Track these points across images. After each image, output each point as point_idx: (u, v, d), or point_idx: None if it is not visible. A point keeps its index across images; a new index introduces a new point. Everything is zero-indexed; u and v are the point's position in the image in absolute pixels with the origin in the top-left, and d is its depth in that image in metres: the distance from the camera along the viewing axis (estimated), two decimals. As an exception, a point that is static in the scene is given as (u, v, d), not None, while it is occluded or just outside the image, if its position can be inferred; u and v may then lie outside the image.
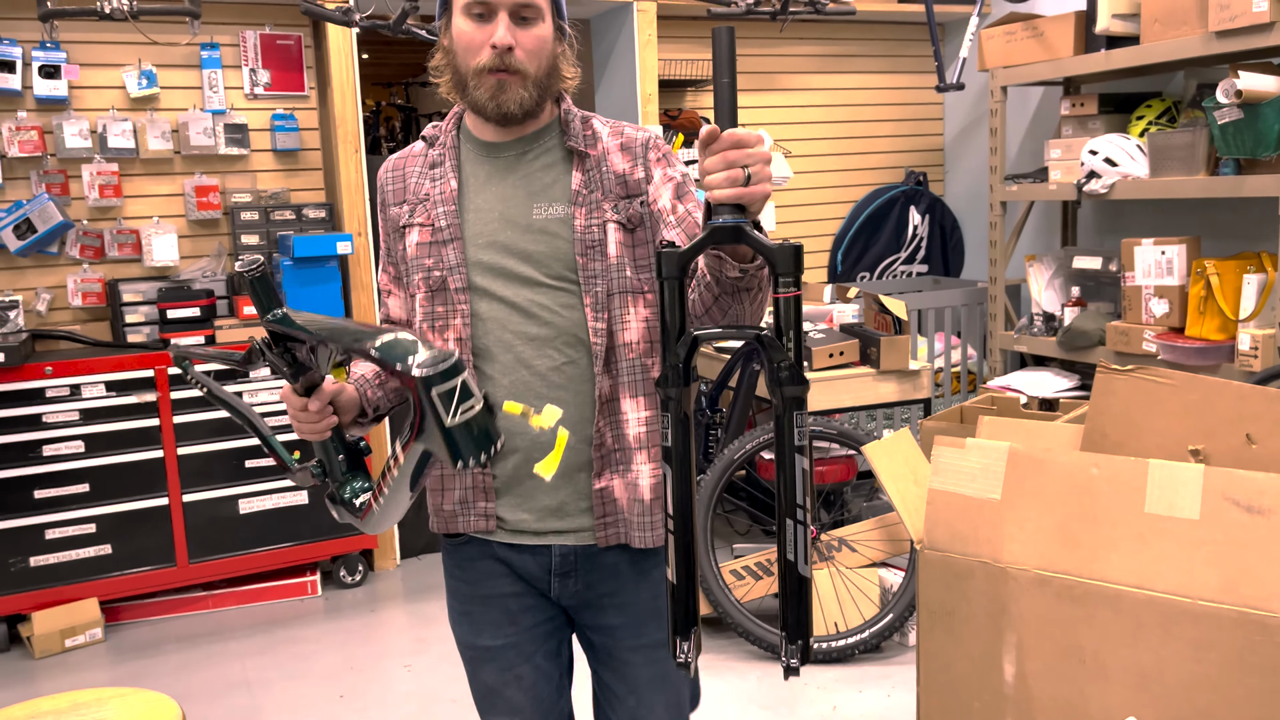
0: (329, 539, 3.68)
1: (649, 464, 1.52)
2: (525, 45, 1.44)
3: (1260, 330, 3.16)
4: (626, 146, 1.53)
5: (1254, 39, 3.08)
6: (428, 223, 1.53)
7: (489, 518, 1.53)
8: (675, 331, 1.22)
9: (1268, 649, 1.46)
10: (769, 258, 1.19)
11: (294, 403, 1.45)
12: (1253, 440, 1.68)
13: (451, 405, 1.10)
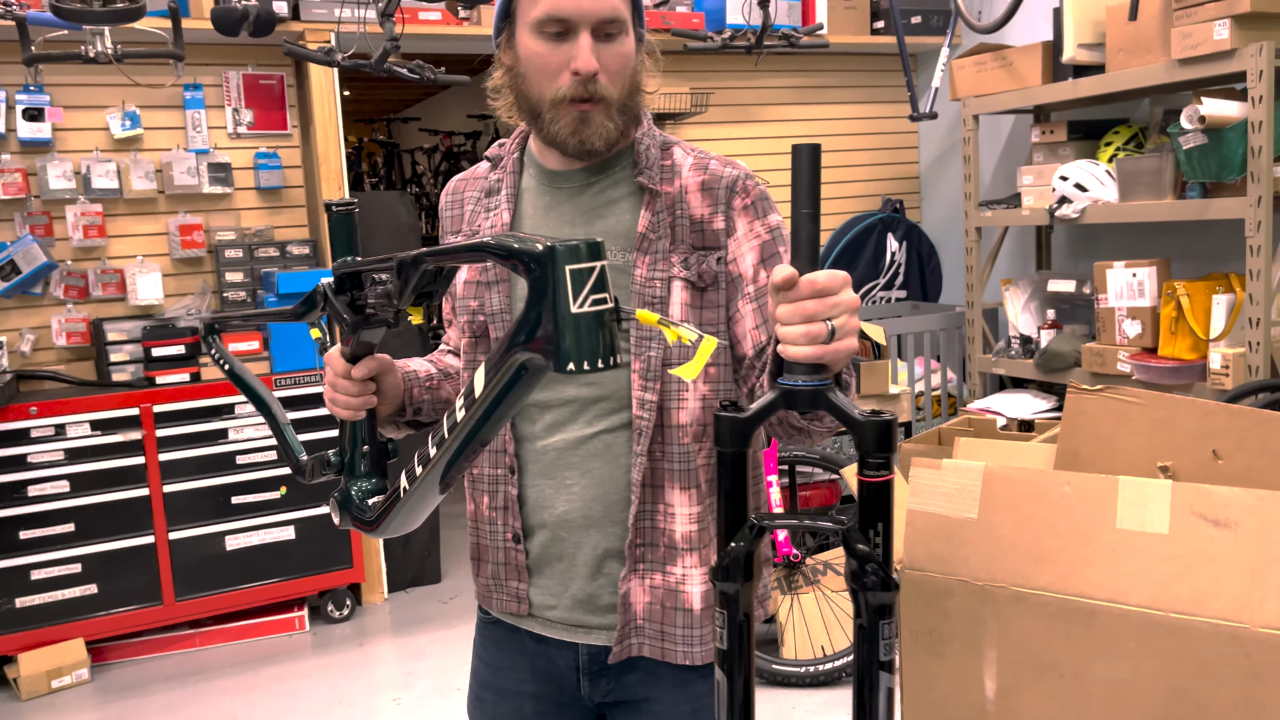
0: (317, 574, 3.68)
1: (699, 568, 1.31)
2: (610, 67, 1.24)
3: (1230, 349, 3.23)
4: (709, 186, 1.31)
5: (1216, 66, 3.17)
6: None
7: (520, 600, 1.38)
8: (738, 515, 1.04)
9: (1239, 659, 1.49)
10: (855, 432, 0.99)
11: (337, 367, 1.30)
12: (1219, 456, 1.72)
13: (584, 290, 0.91)
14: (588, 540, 1.33)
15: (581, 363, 0.91)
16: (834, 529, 1.02)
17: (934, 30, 4.65)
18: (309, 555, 3.67)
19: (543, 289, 0.91)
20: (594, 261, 0.90)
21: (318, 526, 3.67)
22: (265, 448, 3.59)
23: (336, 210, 1.31)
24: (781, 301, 0.98)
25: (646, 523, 1.30)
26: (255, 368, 3.63)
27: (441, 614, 3.83)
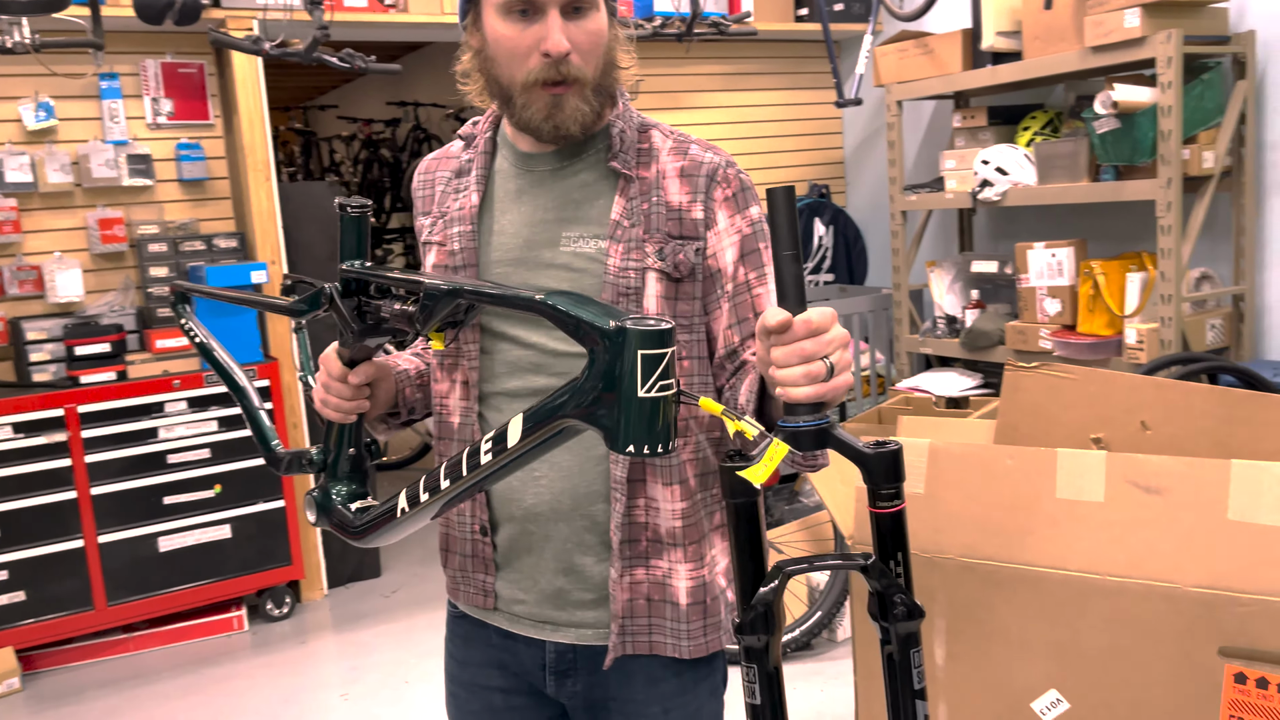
0: (255, 572, 3.62)
1: (685, 563, 1.28)
2: (581, 46, 1.18)
3: (1145, 325, 3.38)
4: (688, 173, 1.25)
5: (1127, 53, 3.30)
6: (444, 243, 1.32)
7: (487, 594, 1.35)
8: (757, 565, 1.01)
9: (1171, 617, 1.59)
10: (863, 466, 0.97)
11: (333, 370, 1.28)
12: (1147, 426, 1.82)
13: (654, 375, 0.91)
14: (556, 533, 1.30)
15: (642, 447, 0.92)
16: (858, 565, 1.00)
17: (856, 17, 4.74)
18: (246, 554, 3.61)
19: (610, 368, 0.92)
20: (666, 348, 0.91)
21: (255, 524, 3.61)
22: (198, 445, 3.52)
23: (352, 211, 1.27)
24: (776, 344, 0.96)
25: (628, 518, 1.26)
26: (183, 364, 3.55)
27: (385, 608, 3.80)
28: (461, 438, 1.34)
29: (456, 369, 1.33)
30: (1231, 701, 1.53)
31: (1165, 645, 1.59)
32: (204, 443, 3.53)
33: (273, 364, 3.63)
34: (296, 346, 1.65)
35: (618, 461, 1.25)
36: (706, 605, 1.29)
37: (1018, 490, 1.73)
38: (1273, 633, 1.49)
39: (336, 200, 1.31)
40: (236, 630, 3.64)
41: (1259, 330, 3.55)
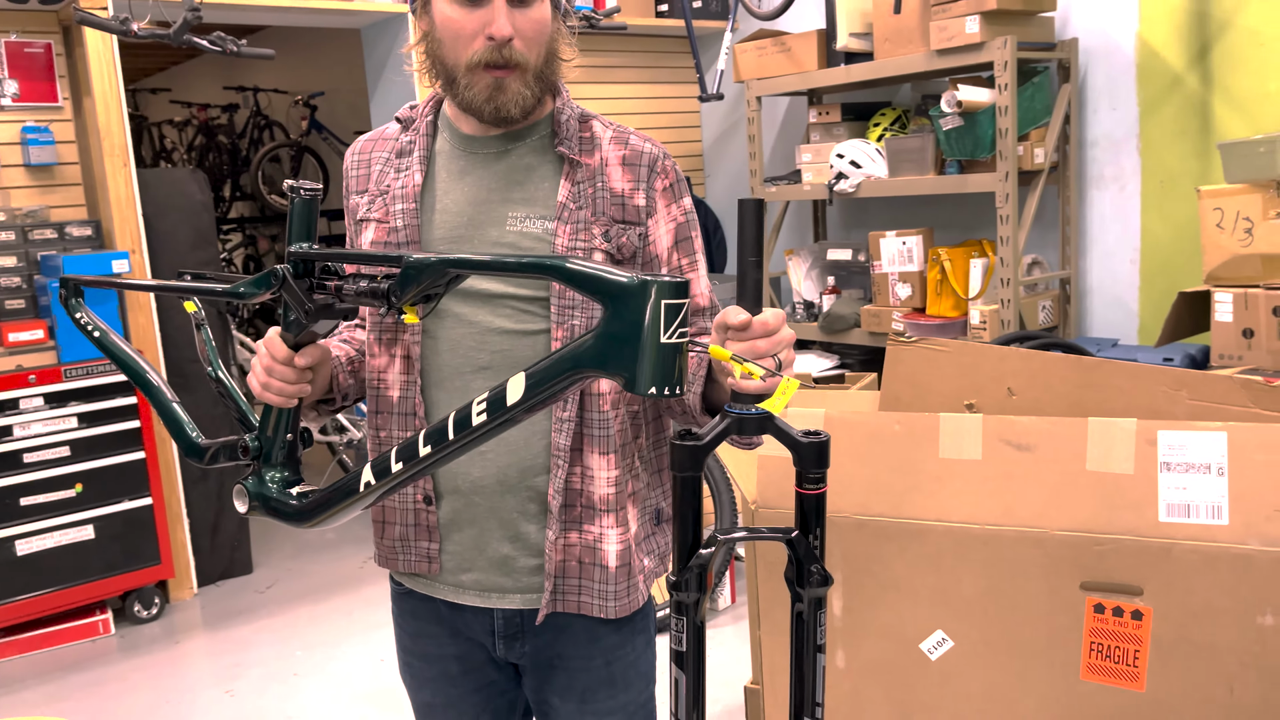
0: (121, 573, 3.49)
1: (616, 528, 1.35)
2: (525, 32, 1.25)
3: (986, 306, 3.68)
4: (630, 162, 1.33)
5: (968, 56, 3.58)
6: (385, 219, 1.35)
7: (431, 560, 1.39)
8: (695, 532, 1.09)
9: (1040, 559, 1.79)
10: (796, 452, 1.07)
11: (278, 353, 1.29)
12: (1013, 392, 2.03)
13: (675, 323, 0.99)
14: (503, 504, 1.35)
15: (663, 388, 0.99)
16: (783, 538, 1.12)
17: (714, 14, 4.92)
18: (111, 555, 3.47)
19: (631, 319, 0.99)
20: (684, 299, 0.99)
21: (120, 523, 3.48)
22: (56, 444, 3.36)
23: (304, 194, 1.29)
24: (733, 339, 1.06)
25: (566, 485, 1.33)
26: (38, 358, 3.38)
27: (261, 604, 3.73)
28: (401, 411, 1.38)
29: (396, 344, 1.36)
30: (1092, 629, 1.75)
31: (1035, 583, 1.80)
32: (63, 440, 3.37)
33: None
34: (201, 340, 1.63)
35: (561, 430, 1.32)
36: (631, 567, 1.38)
37: (904, 452, 1.90)
38: (1125, 567, 1.71)
39: (287, 183, 1.33)
40: (102, 635, 3.50)
41: (1082, 310, 3.92)
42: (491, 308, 1.32)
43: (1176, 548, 1.67)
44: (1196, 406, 1.84)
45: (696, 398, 1.25)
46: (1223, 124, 3.45)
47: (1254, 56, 3.35)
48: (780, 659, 2.05)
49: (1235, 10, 3.37)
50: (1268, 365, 2.93)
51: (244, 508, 1.38)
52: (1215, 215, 3.00)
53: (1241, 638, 1.63)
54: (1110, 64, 3.70)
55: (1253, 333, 2.95)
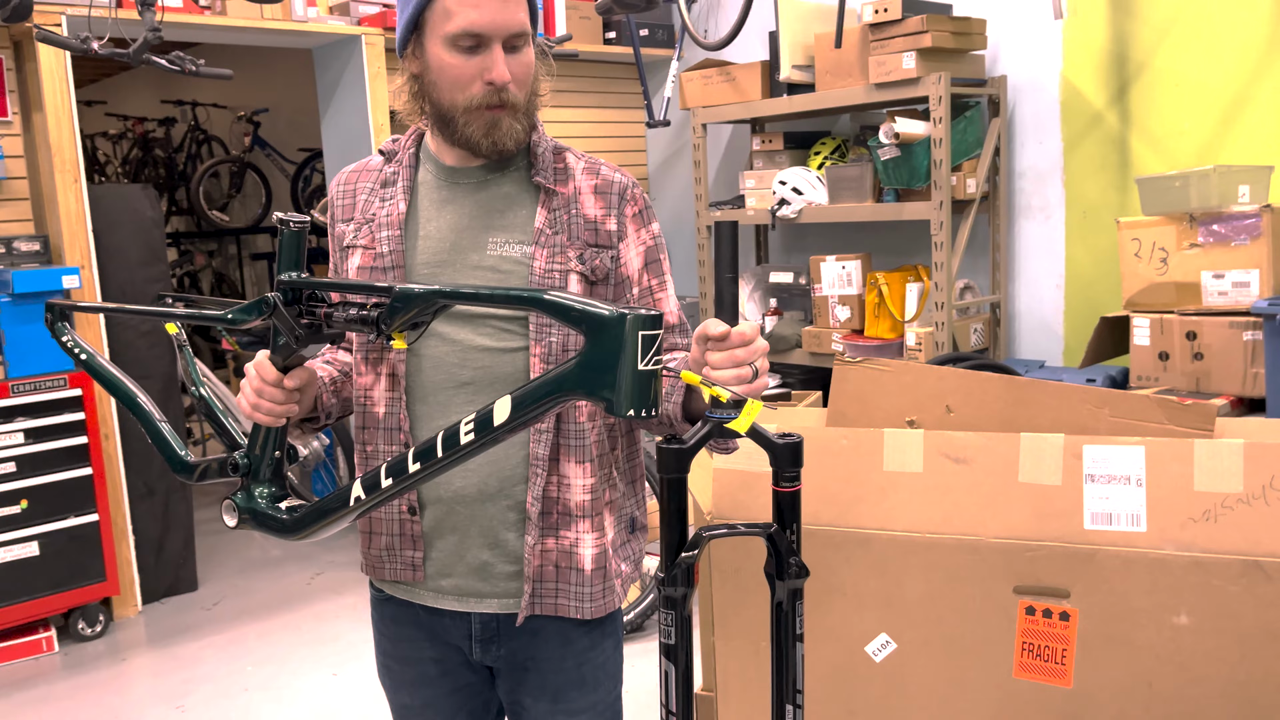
0: (66, 590, 3.46)
1: (591, 533, 1.43)
2: (518, 75, 1.35)
3: (922, 329, 3.85)
4: (601, 190, 1.43)
5: (905, 90, 3.76)
6: (370, 246, 1.43)
7: (416, 568, 1.45)
8: (682, 530, 1.17)
9: (976, 565, 1.92)
10: (772, 453, 1.16)
11: (268, 375, 1.35)
12: (950, 409, 2.17)
13: (650, 352, 1.08)
14: (483, 513, 1.42)
15: (640, 410, 1.09)
16: (764, 533, 1.20)
17: (660, 43, 5.06)
18: (56, 572, 3.44)
19: (610, 348, 1.08)
20: (658, 330, 1.08)
21: (65, 540, 3.45)
22: (2, 459, 3.33)
23: (293, 226, 1.36)
24: (712, 350, 1.17)
25: (544, 493, 1.40)
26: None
27: (208, 620, 3.72)
28: (387, 426, 1.46)
29: (382, 363, 1.44)
30: (1024, 630, 1.88)
31: (971, 588, 1.92)
32: (8, 456, 3.34)
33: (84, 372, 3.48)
34: (184, 361, 1.69)
35: (540, 441, 1.39)
36: (606, 570, 1.46)
37: (851, 465, 2.02)
38: (1054, 571, 1.84)
39: (276, 216, 1.40)
40: (46, 652, 3.46)
41: (1011, 333, 4.11)
42: (473, 327, 1.40)
43: (1100, 553, 1.81)
44: (1117, 423, 1.99)
45: (677, 407, 1.35)
46: (1140, 159, 3.67)
47: (1169, 97, 3.58)
48: (735, 664, 2.15)
49: (1151, 53, 3.60)
50: (1182, 386, 3.13)
51: (233, 522, 1.44)
52: (1133, 245, 3.21)
53: (1159, 636, 1.78)
54: (1037, 100, 3.91)
55: (1168, 355, 3.15)
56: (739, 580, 2.10)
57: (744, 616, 2.11)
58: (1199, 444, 1.77)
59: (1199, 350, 3.08)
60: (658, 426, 1.44)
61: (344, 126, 4.35)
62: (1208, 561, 1.73)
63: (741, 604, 2.11)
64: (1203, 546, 1.74)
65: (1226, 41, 3.42)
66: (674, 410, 1.35)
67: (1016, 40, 3.94)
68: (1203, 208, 3.05)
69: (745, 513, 2.10)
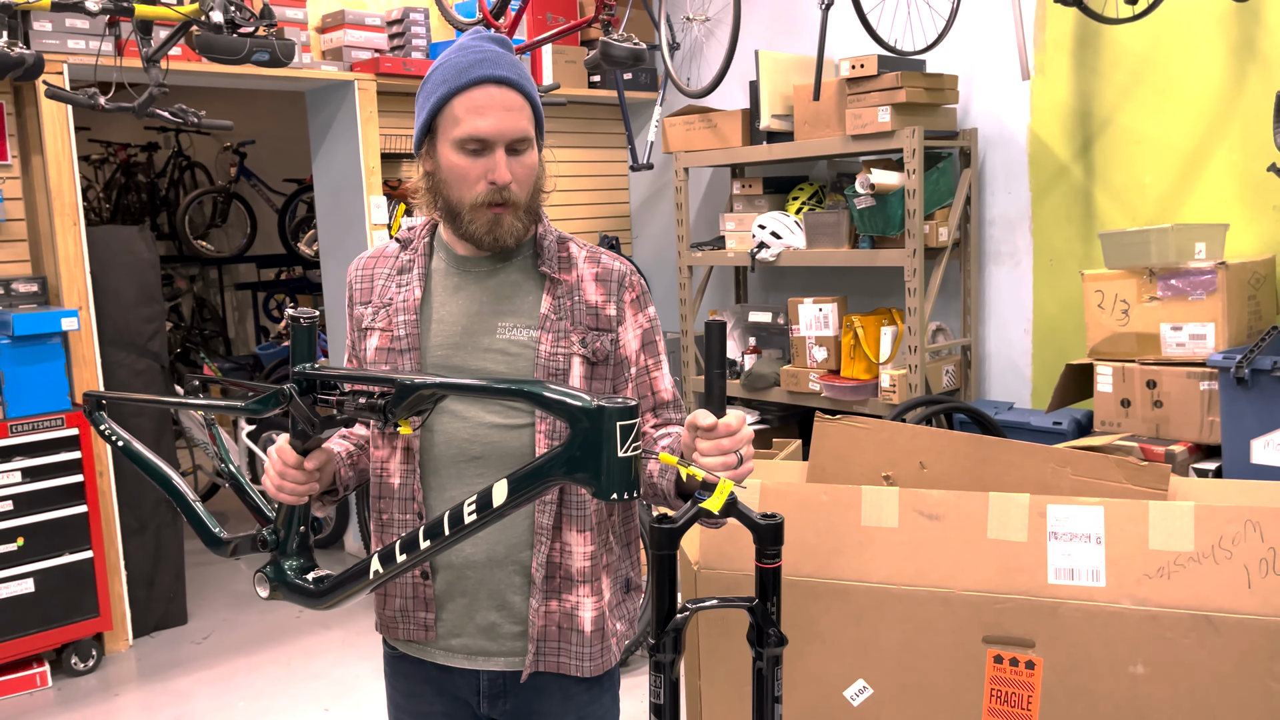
0: (60, 626, 3.52)
1: (590, 597, 1.53)
2: (519, 176, 1.45)
3: (896, 371, 3.99)
4: (602, 278, 1.53)
5: (880, 142, 3.92)
6: (387, 329, 1.53)
7: (428, 629, 1.55)
8: (671, 601, 1.26)
9: (948, 616, 2.05)
10: (756, 532, 1.27)
11: (289, 459, 1.44)
12: (924, 465, 2.30)
13: (628, 439, 1.16)
14: (491, 578, 1.53)
15: (622, 493, 1.17)
16: (746, 605, 1.32)
17: (643, 87, 5.21)
18: (49, 608, 3.50)
19: (592, 438, 1.16)
20: (635, 419, 1.17)
21: (60, 576, 3.51)
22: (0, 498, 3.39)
23: (304, 322, 1.48)
24: (702, 438, 1.28)
25: (548, 559, 1.51)
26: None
27: (198, 655, 3.78)
28: (402, 496, 1.56)
29: (398, 437, 1.53)
30: (992, 677, 2.01)
31: (943, 637, 2.05)
32: (6, 495, 3.41)
33: (81, 412, 3.55)
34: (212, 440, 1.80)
35: (544, 511, 1.50)
36: (604, 631, 1.57)
37: (830, 519, 2.14)
38: (1021, 622, 1.97)
39: (288, 313, 1.51)
40: (40, 687, 3.52)
41: (981, 375, 4.27)
42: (483, 405, 1.51)
43: (1063, 606, 1.94)
44: (1079, 482, 2.13)
45: (670, 484, 1.46)
46: (1103, 211, 3.84)
47: (1130, 152, 3.76)
48: (719, 706, 2.26)
49: (1114, 110, 3.77)
50: (1143, 432, 3.29)
51: (265, 593, 1.54)
52: (1097, 296, 3.37)
53: (1116, 685, 1.91)
54: (1006, 153, 4.08)
55: (1129, 402, 3.31)
56: (724, 627, 2.22)
57: (728, 665, 2.22)
58: (1154, 505, 1.91)
59: (1159, 398, 3.23)
60: (652, 498, 1.56)
61: (335, 167, 4.46)
62: (1162, 615, 1.87)
63: (725, 651, 2.23)
64: (1157, 601, 1.87)
65: (1185, 102, 3.60)
66: (667, 486, 1.46)
67: (986, 95, 4.11)
68: (1162, 263, 3.21)
69: (730, 563, 2.21)
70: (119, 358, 3.81)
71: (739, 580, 2.20)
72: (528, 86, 1.47)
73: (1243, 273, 3.19)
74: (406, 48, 4.46)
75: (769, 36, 4.74)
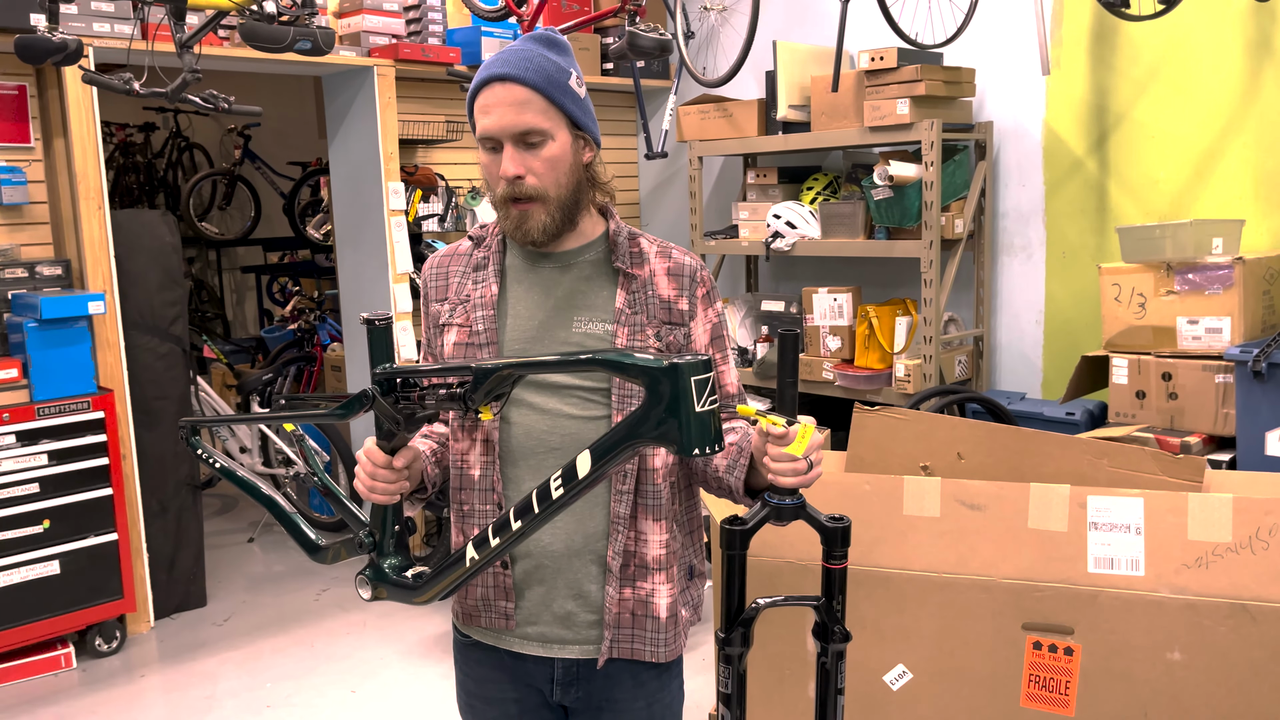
0: (85, 608, 3.54)
1: (666, 584, 1.57)
2: (536, 170, 1.47)
3: (910, 361, 4.04)
4: (674, 273, 1.57)
5: (898, 134, 3.96)
6: (466, 324, 1.57)
7: (509, 618, 1.59)
8: (741, 598, 1.29)
9: (988, 603, 2.10)
10: (825, 535, 1.30)
11: (378, 459, 1.48)
12: (962, 457, 2.35)
13: (704, 394, 1.17)
14: (568, 567, 1.56)
15: (705, 449, 1.19)
16: (814, 604, 1.37)
17: (655, 75, 5.22)
18: (75, 590, 3.52)
19: (671, 395, 1.18)
20: (710, 373, 1.19)
21: (85, 558, 3.53)
22: (26, 480, 3.41)
23: (379, 323, 1.51)
24: (773, 445, 1.31)
25: (624, 547, 1.54)
26: (12, 396, 3.43)
27: (221, 637, 3.81)
28: (482, 488, 1.60)
29: (478, 430, 1.58)
30: (1031, 663, 2.07)
31: (983, 624, 2.11)
32: (33, 477, 3.42)
33: (106, 395, 3.57)
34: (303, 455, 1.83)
35: (620, 501, 1.54)
36: (678, 618, 1.62)
37: (872, 508, 2.20)
38: (1060, 610, 2.03)
39: (362, 316, 1.54)
40: (64, 668, 3.54)
41: (993, 365, 4.33)
42: (560, 397, 1.55)
43: (1102, 594, 2.00)
44: (1115, 473, 2.18)
45: (739, 481, 1.50)
46: (1117, 206, 3.90)
47: (1145, 148, 3.81)
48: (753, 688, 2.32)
49: (1130, 105, 3.83)
50: (1157, 423, 3.36)
51: (368, 595, 1.57)
52: (1114, 290, 3.42)
53: (1154, 670, 1.97)
54: (1020, 146, 4.13)
55: (1144, 394, 3.37)
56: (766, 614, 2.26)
57: (769, 649, 2.27)
58: (1193, 497, 1.97)
59: (1174, 390, 3.30)
60: (719, 492, 1.60)
61: (352, 152, 4.46)
62: (1199, 604, 1.93)
63: (767, 636, 2.28)
64: (1195, 590, 1.94)
65: (1201, 98, 3.66)
66: (736, 483, 1.50)
67: (1002, 88, 4.15)
68: (1179, 258, 3.27)
69: (772, 550, 2.26)
70: (142, 341, 3.82)
71: (779, 568, 2.25)
72: (534, 79, 1.47)
73: (1259, 268, 3.26)
74: (424, 33, 4.46)
75: (784, 26, 4.77)
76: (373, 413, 1.51)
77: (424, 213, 4.57)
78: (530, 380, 1.53)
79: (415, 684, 3.41)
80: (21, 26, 3.29)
